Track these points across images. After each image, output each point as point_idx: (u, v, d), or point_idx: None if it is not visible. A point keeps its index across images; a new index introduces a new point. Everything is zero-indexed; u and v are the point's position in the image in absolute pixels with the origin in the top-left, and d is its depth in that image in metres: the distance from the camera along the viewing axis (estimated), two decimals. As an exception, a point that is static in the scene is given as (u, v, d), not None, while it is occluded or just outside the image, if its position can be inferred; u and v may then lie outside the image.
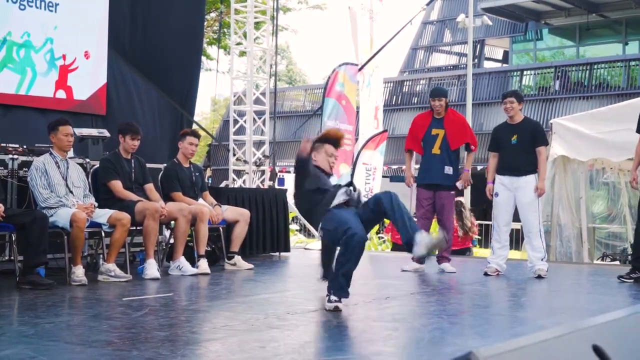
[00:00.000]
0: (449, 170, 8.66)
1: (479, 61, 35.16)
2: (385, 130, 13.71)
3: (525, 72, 30.87)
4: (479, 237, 17.74)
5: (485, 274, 8.26)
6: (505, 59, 37.03)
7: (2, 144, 7.64)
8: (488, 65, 36.40)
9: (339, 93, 12.50)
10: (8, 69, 9.38)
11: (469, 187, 19.12)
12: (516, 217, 8.43)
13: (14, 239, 6.77)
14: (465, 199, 18.65)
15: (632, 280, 7.72)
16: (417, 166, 9.06)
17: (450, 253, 9.02)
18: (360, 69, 12.99)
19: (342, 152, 12.51)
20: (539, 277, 8.08)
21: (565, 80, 28.67)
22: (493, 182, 8.45)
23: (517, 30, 35.07)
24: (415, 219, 8.87)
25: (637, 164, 7.93)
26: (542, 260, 8.22)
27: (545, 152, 8.42)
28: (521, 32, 34.98)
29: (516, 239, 12.68)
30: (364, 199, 5.96)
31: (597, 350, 2.43)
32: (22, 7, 9.46)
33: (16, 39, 9.45)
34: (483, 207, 24.40)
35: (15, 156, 7.59)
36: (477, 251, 15.47)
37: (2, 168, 7.40)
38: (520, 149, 8.25)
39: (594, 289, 7.46)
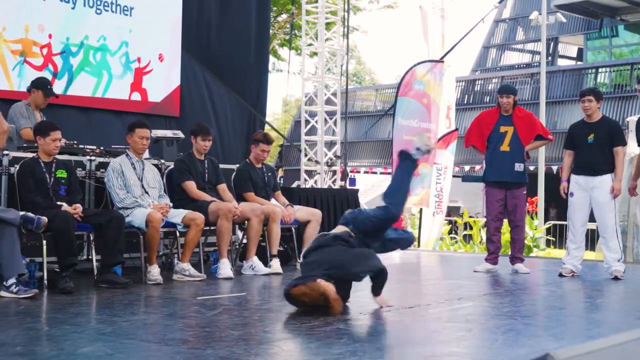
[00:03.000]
0: (519, 167, 8.54)
1: (552, 59, 34.66)
2: (455, 129, 13.58)
3: (600, 70, 30.33)
4: (553, 238, 17.49)
5: (560, 274, 8.13)
6: (580, 56, 36.43)
7: (80, 146, 7.80)
8: (562, 63, 35.87)
9: (418, 92, 12.37)
10: (85, 72, 9.60)
11: (543, 188, 18.90)
12: (591, 217, 8.29)
13: (91, 238, 6.93)
14: (539, 198, 18.41)
15: None
16: (476, 166, 8.95)
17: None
18: (442, 58, 12.85)
19: None
20: (616, 278, 7.93)
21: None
22: (568, 181, 8.32)
23: (591, 27, 34.47)
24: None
25: (637, 174, 8.10)
26: (618, 261, 8.06)
27: (623, 152, 8.26)
28: (596, 28, 34.37)
29: (591, 240, 12.46)
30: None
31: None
32: (98, 11, 9.66)
33: (93, 43, 9.66)
34: (552, 205, 24.09)
35: (93, 157, 7.74)
36: (551, 252, 15.26)
37: (80, 169, 7.56)
38: (597, 148, 8.09)
39: (672, 291, 7.30)
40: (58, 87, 8.97)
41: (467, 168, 28.29)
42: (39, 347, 4.19)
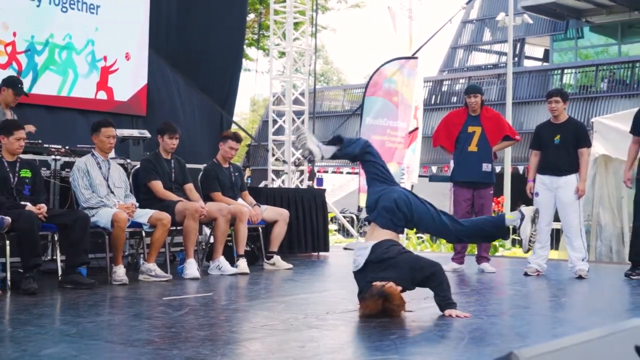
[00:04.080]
0: (487, 167, 8.60)
1: (519, 60, 34.89)
2: (416, 129, 13.60)
3: (566, 71, 30.59)
4: (519, 238, 17.61)
5: (526, 274, 8.20)
6: (546, 57, 36.71)
7: (45, 145, 7.74)
8: (528, 64, 36.12)
9: (388, 90, 12.39)
10: (50, 71, 9.51)
11: (509, 187, 19.02)
12: (556, 217, 8.36)
13: (56, 238, 6.86)
14: (505, 198, 18.54)
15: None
16: (445, 166, 8.99)
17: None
18: (412, 56, 12.85)
19: (388, 150, 12.44)
20: (580, 277, 8.00)
21: (608, 79, 28.40)
22: (534, 181, 8.38)
23: (557, 29, 34.75)
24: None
25: (630, 164, 8.19)
26: (582, 260, 8.14)
27: (588, 153, 8.35)
28: (562, 30, 34.65)
29: (556, 239, 12.56)
30: None
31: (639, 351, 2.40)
32: (64, 9, 9.58)
33: (58, 41, 9.57)
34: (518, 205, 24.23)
35: (58, 157, 7.68)
36: (517, 251, 15.36)
37: (45, 169, 7.49)
38: (563, 149, 8.17)
39: (635, 289, 7.37)
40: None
41: (434, 168, 28.39)
42: (2, 348, 4.14)
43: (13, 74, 8.82)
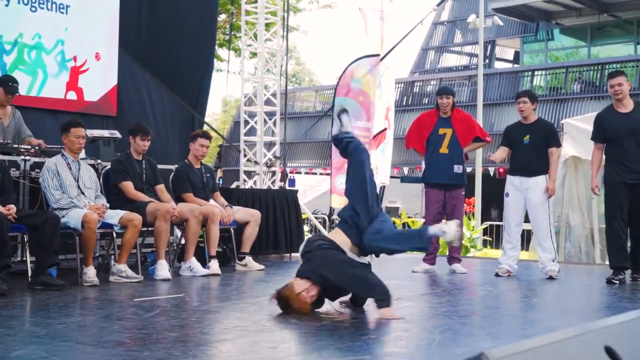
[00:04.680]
0: (458, 169, 8.64)
1: (489, 61, 35.11)
2: (384, 129, 13.60)
3: (536, 73, 30.83)
4: (490, 239, 17.72)
5: (497, 274, 8.25)
6: (516, 59, 36.98)
7: (15, 145, 7.67)
8: (499, 65, 36.35)
9: (355, 90, 12.39)
10: (19, 71, 9.43)
11: (480, 189, 19.14)
12: (526, 218, 8.42)
13: (26, 239, 6.80)
14: (476, 199, 18.63)
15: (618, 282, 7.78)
16: (417, 167, 9.02)
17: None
18: (382, 58, 12.85)
19: None
20: (550, 278, 8.06)
21: (577, 81, 28.66)
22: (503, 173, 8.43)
23: (528, 31, 35.02)
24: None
25: (596, 171, 8.10)
26: (553, 261, 8.21)
27: (557, 153, 8.41)
28: (532, 32, 34.92)
29: (527, 240, 12.65)
30: None
31: (609, 351, 2.42)
32: (33, 9, 9.50)
33: (27, 41, 9.49)
34: (493, 207, 24.39)
35: (27, 157, 7.61)
36: (488, 252, 15.44)
37: (15, 169, 7.42)
38: (532, 149, 8.23)
39: (605, 290, 7.44)
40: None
41: (406, 169, 28.49)
42: (-29, 350, 4.10)
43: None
